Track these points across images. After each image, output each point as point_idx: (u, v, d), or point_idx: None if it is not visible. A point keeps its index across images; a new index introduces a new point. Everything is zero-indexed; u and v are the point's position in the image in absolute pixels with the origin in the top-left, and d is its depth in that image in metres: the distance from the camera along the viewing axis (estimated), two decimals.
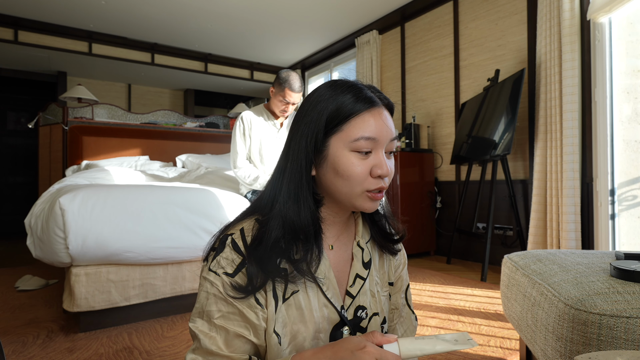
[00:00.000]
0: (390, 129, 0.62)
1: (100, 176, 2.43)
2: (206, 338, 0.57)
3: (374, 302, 0.68)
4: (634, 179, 2.29)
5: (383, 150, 0.62)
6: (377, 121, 0.61)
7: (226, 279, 0.58)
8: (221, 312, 0.58)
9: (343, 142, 0.60)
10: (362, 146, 0.60)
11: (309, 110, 0.62)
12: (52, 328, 1.74)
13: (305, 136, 0.62)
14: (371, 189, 0.61)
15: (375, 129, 0.60)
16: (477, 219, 2.98)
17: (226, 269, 0.59)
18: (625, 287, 0.77)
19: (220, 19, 4.13)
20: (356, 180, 0.60)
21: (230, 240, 0.60)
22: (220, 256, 0.60)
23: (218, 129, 4.44)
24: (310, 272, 0.60)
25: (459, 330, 1.68)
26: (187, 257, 1.85)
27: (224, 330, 0.58)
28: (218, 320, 0.58)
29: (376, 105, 0.62)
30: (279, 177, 0.64)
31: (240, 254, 0.59)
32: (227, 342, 0.57)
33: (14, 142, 5.41)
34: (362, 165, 0.60)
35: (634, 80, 2.30)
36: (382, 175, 0.61)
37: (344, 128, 0.60)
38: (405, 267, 0.78)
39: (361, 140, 0.59)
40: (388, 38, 4.19)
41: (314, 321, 0.61)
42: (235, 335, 0.58)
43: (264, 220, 0.61)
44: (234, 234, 0.61)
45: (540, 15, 2.58)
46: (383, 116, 0.62)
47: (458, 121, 3.25)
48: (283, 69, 2.26)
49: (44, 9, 3.86)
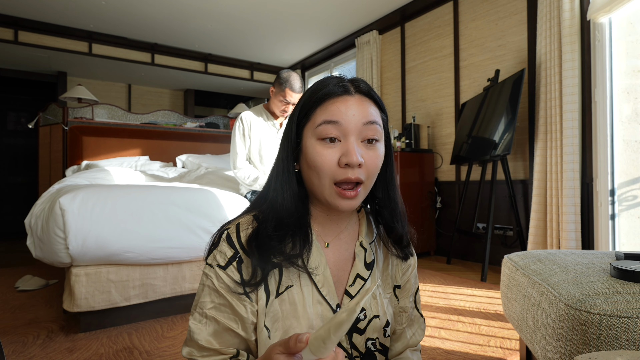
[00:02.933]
0: (361, 113, 0.59)
1: (100, 176, 2.43)
2: (197, 329, 0.59)
3: (375, 304, 0.67)
4: (634, 179, 2.29)
5: (353, 137, 0.58)
6: (343, 106, 0.59)
7: (219, 272, 0.60)
8: (213, 303, 0.60)
9: (311, 130, 0.60)
10: (326, 131, 0.58)
11: (294, 108, 0.65)
12: (52, 328, 1.74)
13: (287, 131, 0.65)
14: (338, 180, 0.58)
15: (338, 113, 0.58)
16: (477, 219, 2.98)
17: (219, 262, 0.60)
18: (625, 287, 0.77)
19: (221, 19, 4.14)
20: (322, 171, 0.58)
21: (225, 234, 0.62)
22: (217, 250, 0.62)
23: (218, 129, 4.44)
24: (303, 261, 0.61)
25: (459, 330, 1.68)
26: (187, 257, 1.85)
27: (214, 321, 0.59)
28: (210, 311, 0.60)
29: (346, 93, 0.60)
30: (272, 174, 0.66)
31: (233, 247, 0.60)
32: (216, 334, 0.59)
33: (14, 142, 5.41)
34: (328, 155, 0.58)
35: (634, 80, 2.30)
36: (349, 163, 0.57)
37: (312, 117, 0.61)
38: (414, 270, 0.75)
39: (324, 125, 0.58)
40: (388, 38, 4.19)
41: (307, 317, 0.61)
42: (225, 328, 0.59)
43: (259, 215, 0.63)
44: (230, 229, 0.63)
45: (540, 16, 2.58)
46: (352, 101, 0.60)
47: (458, 121, 3.25)
48: (283, 69, 2.26)
49: (44, 9, 3.86)
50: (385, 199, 0.69)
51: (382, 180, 0.69)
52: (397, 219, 0.69)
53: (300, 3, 3.76)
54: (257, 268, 0.59)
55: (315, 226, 0.66)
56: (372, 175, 0.61)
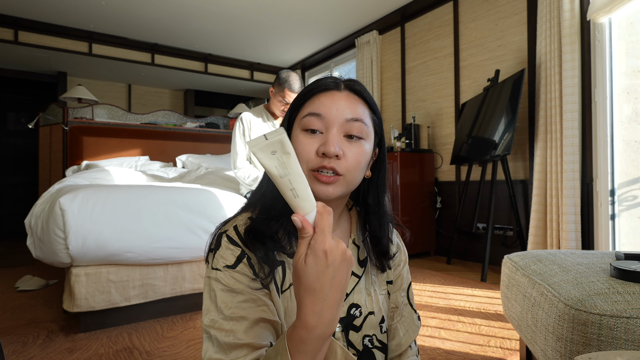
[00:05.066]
0: (346, 109, 0.60)
1: (100, 176, 2.43)
2: (223, 333, 0.55)
3: (370, 300, 0.68)
4: (634, 179, 2.29)
5: (335, 130, 0.59)
6: (328, 100, 0.61)
7: (230, 272, 0.59)
8: (233, 304, 0.57)
9: (298, 123, 0.62)
10: (310, 123, 0.59)
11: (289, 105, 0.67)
12: (52, 328, 1.74)
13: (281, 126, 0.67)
14: (314, 167, 0.58)
15: (322, 106, 0.60)
16: (477, 219, 2.98)
17: (227, 263, 0.59)
18: (625, 287, 0.77)
19: (221, 19, 4.14)
20: (303, 159, 0.59)
21: (225, 237, 0.62)
22: (218, 253, 0.61)
23: (218, 129, 4.44)
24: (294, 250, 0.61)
25: (459, 330, 1.68)
26: (187, 258, 1.85)
27: (242, 319, 0.56)
28: (231, 311, 0.56)
29: (332, 88, 0.62)
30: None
31: (238, 246, 0.60)
32: (247, 331, 0.56)
33: (14, 142, 5.41)
34: (309, 144, 0.59)
35: (634, 81, 2.30)
36: (326, 152, 0.57)
37: (301, 110, 0.63)
38: (405, 265, 0.76)
39: (308, 117, 0.60)
40: (388, 38, 4.19)
41: None
42: (254, 321, 0.56)
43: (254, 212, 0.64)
44: (228, 231, 0.62)
45: (540, 16, 2.59)
46: (337, 97, 0.61)
47: (458, 121, 3.25)
48: (283, 69, 2.26)
49: (44, 9, 3.86)
50: (375, 205, 0.69)
51: (374, 185, 0.69)
52: (384, 227, 0.69)
53: (300, 3, 3.76)
54: (263, 261, 0.59)
55: None
56: (351, 170, 0.60)
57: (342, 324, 0.64)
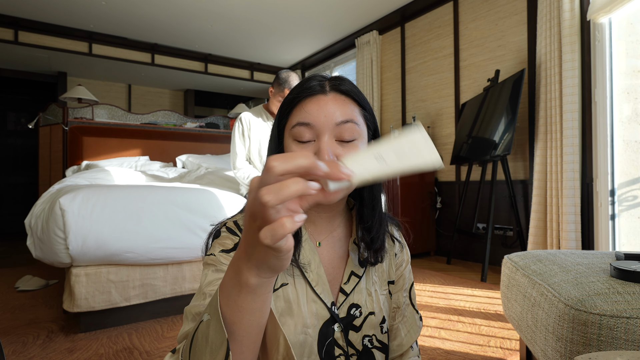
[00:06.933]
0: (334, 113, 0.58)
1: (100, 176, 2.43)
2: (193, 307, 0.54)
3: (370, 300, 0.67)
4: (634, 179, 2.29)
5: (327, 136, 0.58)
6: (315, 106, 0.59)
7: (225, 255, 0.59)
8: (215, 281, 0.56)
9: (288, 132, 0.61)
10: (300, 133, 0.58)
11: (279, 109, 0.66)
12: (52, 328, 1.74)
13: (272, 132, 0.66)
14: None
15: (309, 114, 0.58)
16: (477, 219, 2.98)
17: (224, 248, 0.59)
18: (625, 287, 0.77)
19: (221, 19, 4.14)
20: None
21: (225, 228, 0.62)
22: (216, 241, 0.61)
23: (218, 130, 4.44)
24: (294, 255, 0.61)
25: (459, 331, 1.68)
26: (187, 258, 1.85)
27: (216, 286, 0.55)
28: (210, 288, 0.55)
29: (318, 92, 0.60)
30: None
31: (237, 235, 0.61)
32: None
33: (14, 142, 5.41)
34: None
35: (634, 81, 2.30)
36: None
37: (289, 118, 0.62)
38: (407, 265, 0.76)
39: (297, 127, 0.59)
40: (388, 38, 4.19)
41: (301, 315, 0.61)
42: None
43: None
44: (228, 223, 0.63)
45: (540, 16, 2.59)
46: (324, 101, 0.59)
47: (458, 121, 3.25)
48: (283, 69, 2.26)
49: (44, 9, 3.86)
50: (369, 198, 0.68)
51: None
52: (375, 216, 0.67)
53: (300, 3, 3.76)
54: None
55: (307, 225, 0.66)
56: None
57: (342, 324, 0.64)
